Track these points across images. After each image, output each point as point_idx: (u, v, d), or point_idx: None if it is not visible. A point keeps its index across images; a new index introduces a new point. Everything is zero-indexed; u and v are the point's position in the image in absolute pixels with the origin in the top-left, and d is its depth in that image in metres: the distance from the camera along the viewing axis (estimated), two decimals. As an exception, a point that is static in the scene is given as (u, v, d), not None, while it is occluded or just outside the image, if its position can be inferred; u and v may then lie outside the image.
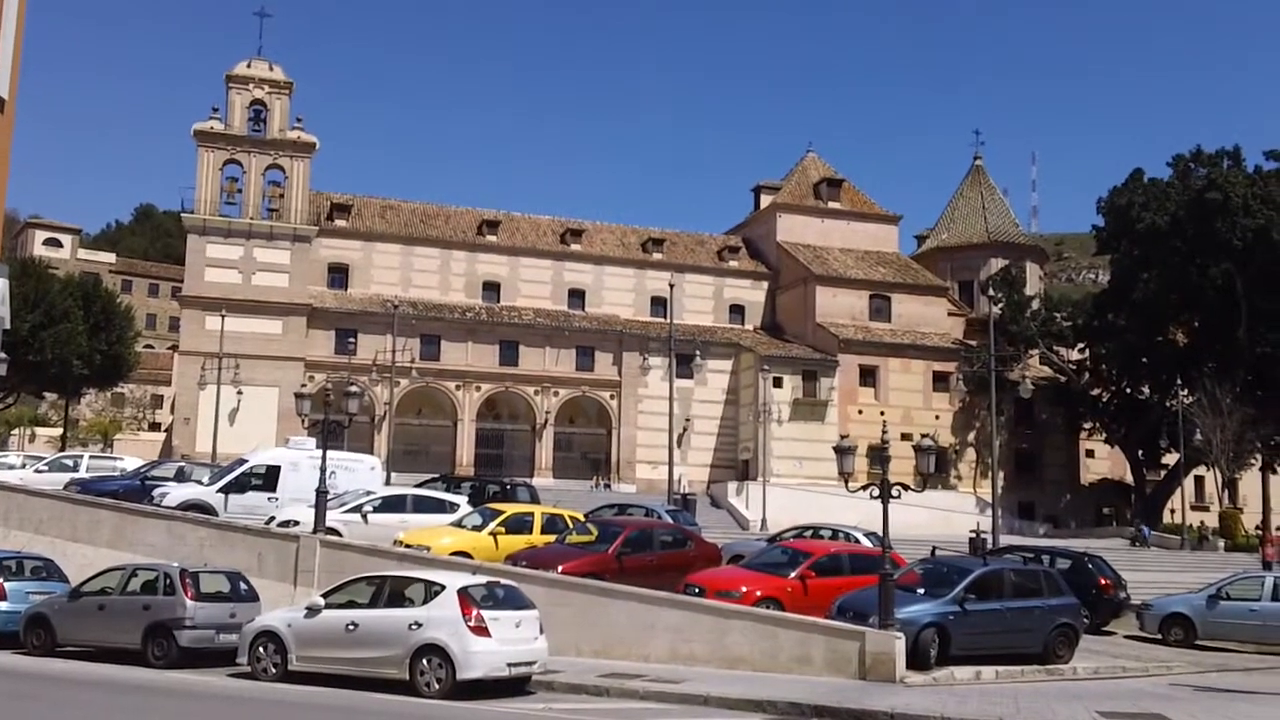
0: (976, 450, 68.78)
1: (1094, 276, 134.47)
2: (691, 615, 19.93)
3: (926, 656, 19.03)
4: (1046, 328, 70.21)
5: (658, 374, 60.10)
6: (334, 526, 25.10)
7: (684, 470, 62.34)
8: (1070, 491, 72.55)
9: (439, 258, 68.98)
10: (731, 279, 74.36)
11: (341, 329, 63.27)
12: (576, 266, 71.54)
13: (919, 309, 71.97)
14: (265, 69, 65.37)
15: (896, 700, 15.87)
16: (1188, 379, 61.15)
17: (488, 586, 17.55)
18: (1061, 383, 70.99)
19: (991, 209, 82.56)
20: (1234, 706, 16.89)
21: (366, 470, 31.71)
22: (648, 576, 22.03)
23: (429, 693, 16.18)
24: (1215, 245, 61.37)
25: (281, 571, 23.33)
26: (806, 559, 22.49)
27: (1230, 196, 61.02)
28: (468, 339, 65.49)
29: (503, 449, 66.23)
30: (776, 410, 64.76)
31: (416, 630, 16.57)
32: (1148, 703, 16.70)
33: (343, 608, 17.59)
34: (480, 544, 24.44)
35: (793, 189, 77.17)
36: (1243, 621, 26.48)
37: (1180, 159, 67.63)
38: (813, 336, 69.35)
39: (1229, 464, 61.40)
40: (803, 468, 63.15)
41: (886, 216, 78.24)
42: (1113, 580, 28.32)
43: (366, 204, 71.26)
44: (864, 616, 19.12)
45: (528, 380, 66.04)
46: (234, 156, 64.32)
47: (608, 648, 20.02)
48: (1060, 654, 20.93)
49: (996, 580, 21.13)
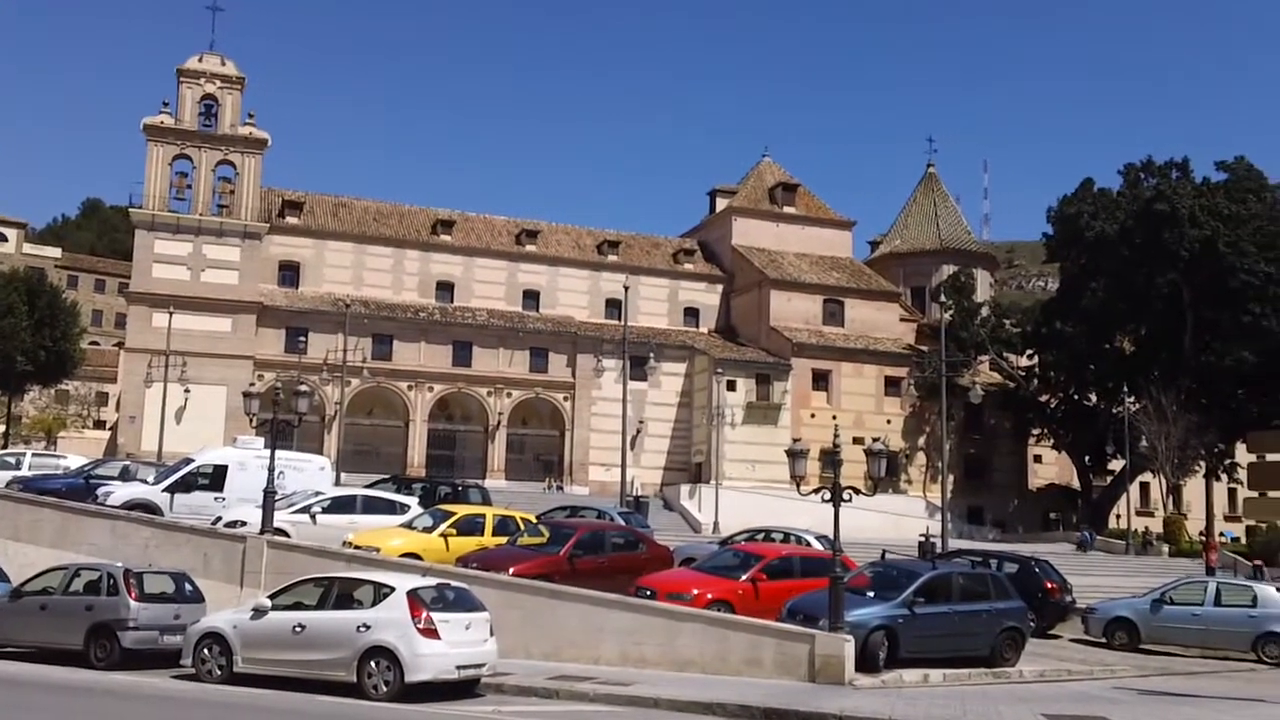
0: (927, 454, 69.36)
1: (1043, 284, 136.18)
2: (643, 618, 19.92)
3: (876, 659, 19.14)
4: (996, 334, 71.00)
5: (611, 376, 59.97)
6: (282, 527, 24.82)
7: (637, 473, 62.30)
8: (1018, 496, 73.36)
9: (392, 257, 68.50)
10: (686, 282, 74.48)
11: (292, 328, 62.60)
12: (531, 267, 71.32)
13: (872, 314, 72.47)
14: (217, 63, 64.60)
15: (845, 702, 15.94)
16: (1134, 386, 62.06)
17: (438, 588, 17.44)
18: (1010, 389, 71.79)
19: (944, 216, 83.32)
20: (1176, 709, 17.13)
21: (316, 470, 31.38)
22: (599, 579, 21.98)
23: (377, 695, 16.04)
24: (1163, 255, 62.37)
25: (228, 572, 23.05)
26: (758, 562, 22.54)
27: (1178, 208, 62.07)
28: (420, 339, 65.08)
29: (455, 450, 65.87)
30: (730, 413, 64.94)
31: (365, 632, 16.42)
32: (1092, 705, 16.89)
33: (290, 609, 17.40)
34: (431, 546, 24.28)
35: (748, 193, 77.47)
36: (1186, 626, 26.88)
37: (1131, 168, 68.74)
38: (766, 340, 69.64)
39: (1173, 471, 62.34)
40: (755, 471, 63.35)
41: (841, 222, 78.74)
42: (1059, 584, 28.66)
43: (319, 201, 70.61)
44: (814, 619, 19.19)
45: (481, 381, 65.74)
46: (184, 151, 63.49)
47: (558, 650, 19.96)
48: (1007, 657, 21.14)
49: (945, 584, 21.31)
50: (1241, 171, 65.69)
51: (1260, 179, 65.72)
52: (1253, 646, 26.03)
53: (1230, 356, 62.01)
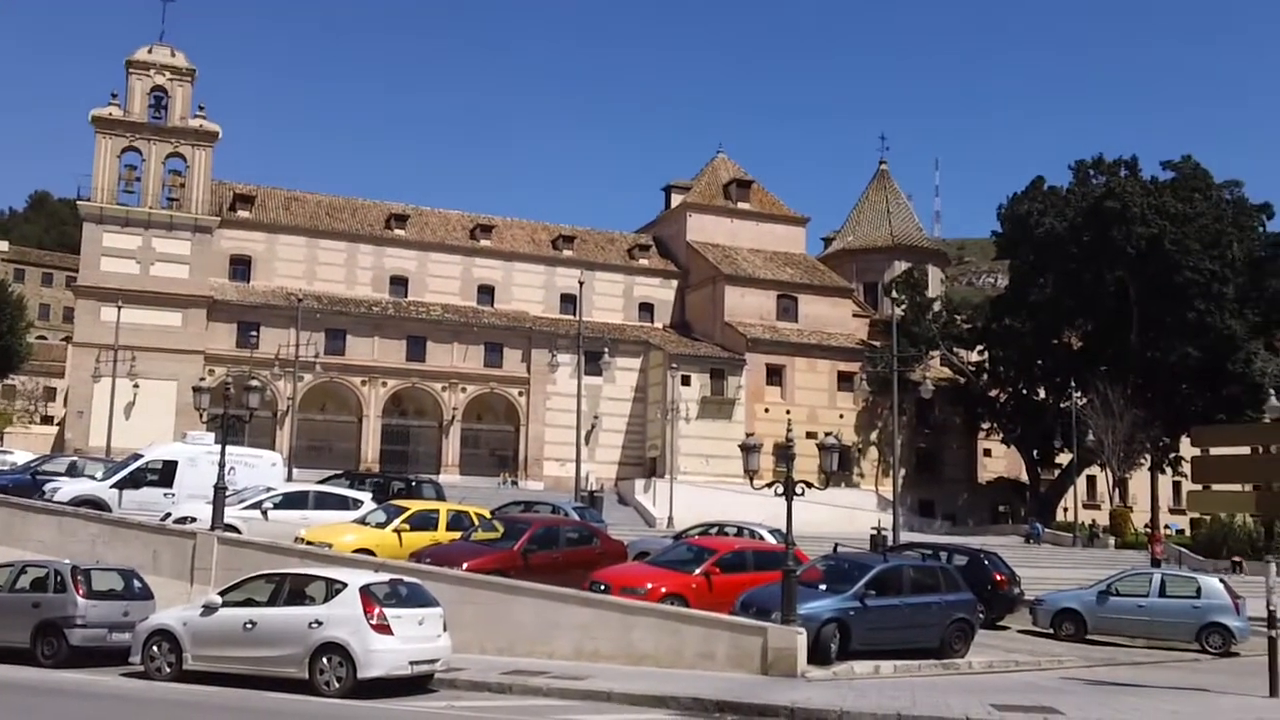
0: (879, 449, 69.91)
1: (993, 281, 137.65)
2: (597, 612, 19.95)
3: (827, 651, 19.29)
4: (947, 330, 71.71)
5: (566, 371, 59.93)
6: (233, 523, 24.60)
7: (592, 467, 62.31)
8: (968, 490, 74.17)
9: (345, 251, 68.00)
10: (641, 277, 74.55)
11: (243, 322, 62.01)
12: (486, 262, 71.07)
13: (825, 310, 72.93)
14: (167, 55, 63.80)
15: (797, 695, 16.06)
16: (1081, 381, 62.92)
17: (391, 584, 17.37)
18: (961, 384, 72.54)
19: (896, 213, 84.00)
20: (1122, 699, 17.41)
21: (267, 466, 31.14)
22: (553, 574, 21.98)
23: (329, 692, 15.97)
24: (1111, 252, 63.27)
25: (177, 569, 22.82)
26: (711, 556, 22.64)
27: (1128, 205, 62.95)
28: (374, 334, 64.67)
29: (409, 445, 65.55)
30: (684, 408, 65.13)
31: (317, 629, 16.33)
32: (1039, 696, 17.12)
33: (240, 606, 17.27)
34: (384, 541, 24.17)
35: (703, 189, 77.67)
36: (1131, 617, 27.27)
37: (1082, 165, 69.62)
38: (721, 335, 69.88)
39: (1119, 464, 63.32)
40: (710, 465, 63.57)
41: (795, 218, 79.14)
42: (1007, 576, 28.95)
43: (270, 195, 69.94)
44: (767, 612, 19.31)
45: (435, 376, 65.46)
46: (133, 144, 62.65)
47: (512, 645, 19.95)
48: (956, 648, 21.37)
49: (896, 576, 21.51)
50: (1188, 170, 66.75)
51: (1206, 178, 66.81)
52: (1196, 637, 26.48)
53: (1175, 352, 63.06)
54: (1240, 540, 53.72)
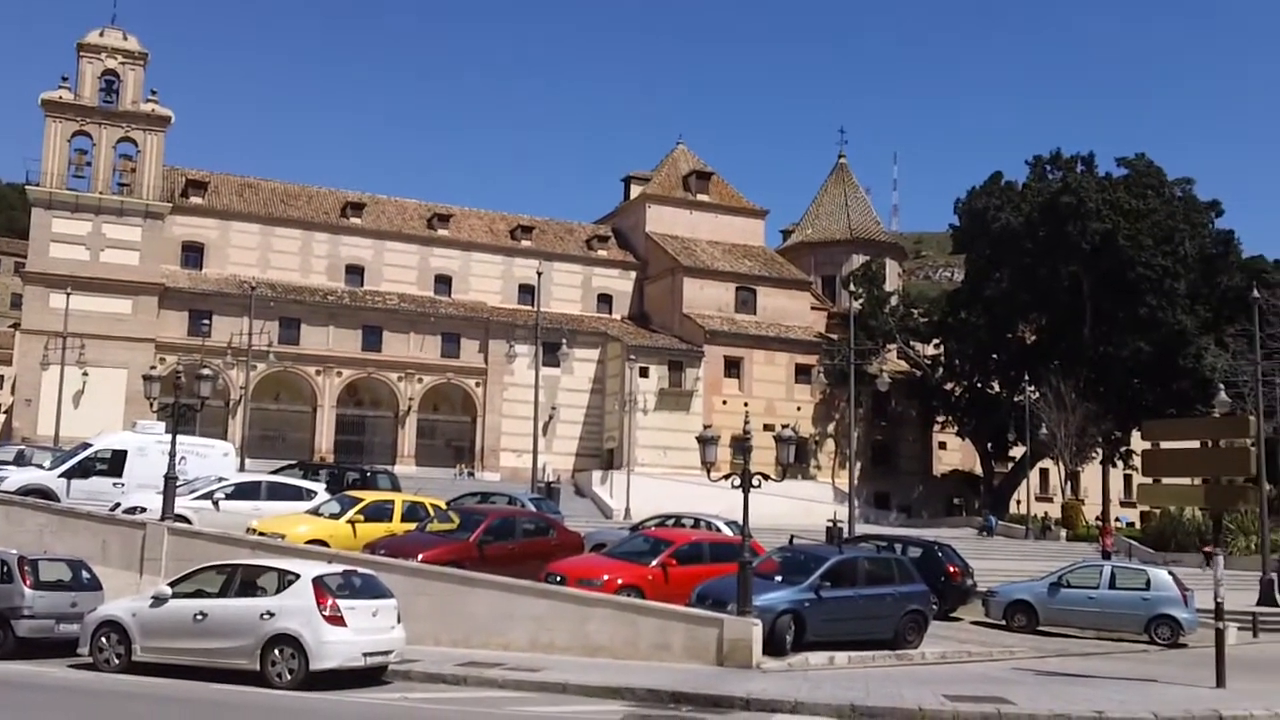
0: (836, 441, 70.28)
1: (950, 275, 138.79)
2: (553, 604, 19.89)
3: (783, 643, 19.34)
4: (904, 323, 72.18)
5: (524, 362, 59.72)
6: (183, 513, 24.26)
7: (549, 459, 62.21)
8: (923, 482, 74.78)
9: (300, 239, 67.37)
10: (600, 268, 74.42)
11: (195, 310, 61.23)
12: (443, 252, 70.67)
13: (783, 302, 73.16)
14: (119, 38, 62.83)
15: (752, 686, 16.10)
16: (1035, 375, 63.56)
17: (344, 575, 17.22)
18: (917, 377, 73.06)
19: (854, 207, 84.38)
20: (1072, 690, 17.60)
21: (219, 456, 30.77)
22: (509, 565, 21.86)
23: (281, 683, 15.81)
24: (1065, 247, 63.96)
25: (127, 560, 22.50)
26: (668, 547, 22.61)
27: (1083, 201, 63.63)
28: (329, 323, 64.10)
29: (364, 436, 65.10)
30: (642, 400, 65.13)
31: (268, 620, 16.16)
32: (991, 686, 17.26)
33: (191, 597, 17.06)
34: (338, 532, 23.95)
35: (662, 180, 77.63)
36: (1082, 608, 27.57)
37: (1039, 160, 70.27)
38: (679, 327, 69.92)
39: (1071, 457, 64.06)
40: (667, 457, 63.62)
41: (754, 210, 79.30)
42: (961, 568, 29.17)
43: (224, 181, 69.11)
44: (723, 604, 19.33)
45: (391, 366, 65.02)
46: (84, 128, 61.67)
47: (467, 637, 19.85)
48: (910, 639, 21.50)
49: (851, 568, 21.59)
50: (1142, 167, 67.61)
51: (1159, 175, 67.70)
52: (1145, 628, 26.81)
53: (1127, 347, 63.91)
54: (1189, 533, 54.54)
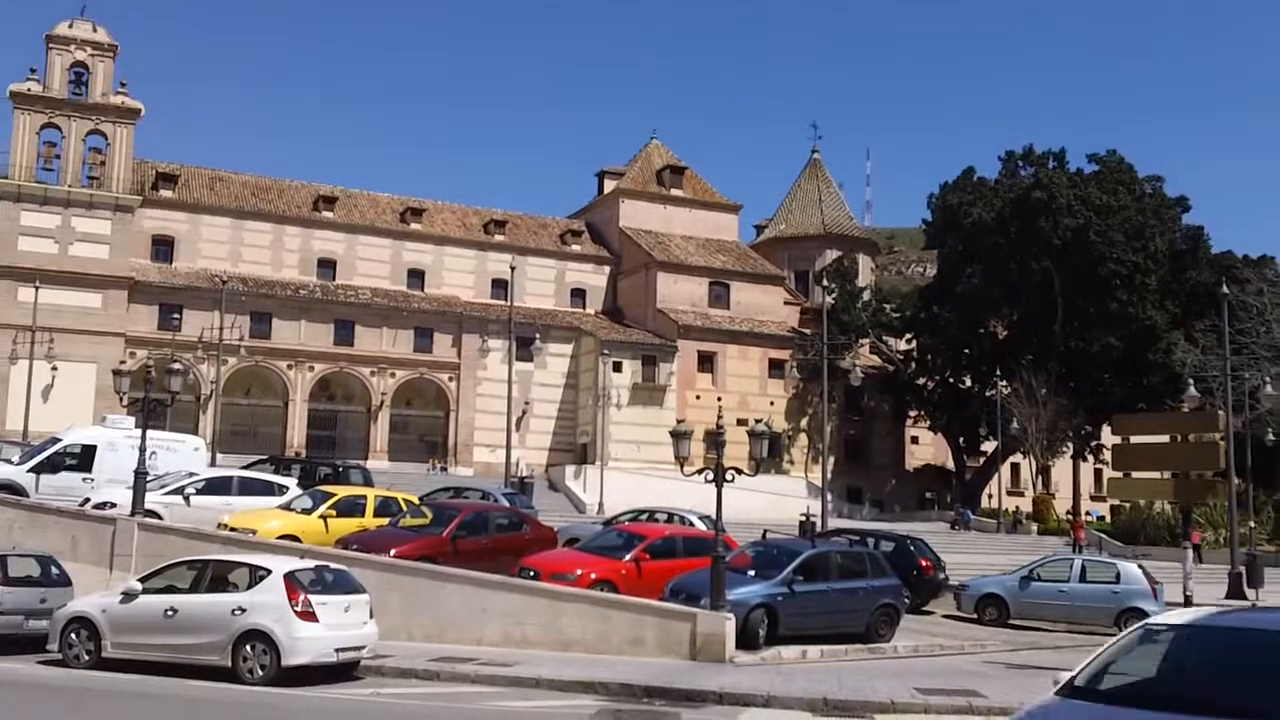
0: (809, 436, 70.45)
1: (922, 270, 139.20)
2: (526, 598, 19.86)
3: (755, 637, 19.39)
4: (876, 318, 72.42)
5: (497, 357, 59.53)
6: (154, 509, 24.11)
7: (522, 454, 62.06)
8: (896, 476, 75.09)
9: (271, 233, 66.91)
10: (573, 263, 74.31)
11: (166, 304, 60.68)
12: (416, 246, 70.36)
13: (757, 297, 73.27)
14: (88, 30, 62.17)
15: (725, 680, 16.14)
16: (1006, 370, 63.97)
17: (316, 571, 17.14)
18: (889, 372, 73.34)
19: (827, 202, 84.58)
20: (1041, 682, 17.54)
21: (189, 451, 30.57)
22: (483, 560, 21.84)
23: (252, 679, 15.73)
24: (1037, 243, 64.35)
25: (97, 555, 22.34)
26: (641, 542, 22.64)
27: (1054, 197, 64.03)
28: (301, 317, 63.68)
29: (336, 431, 64.71)
30: (616, 395, 65.10)
31: (240, 616, 16.07)
32: (963, 679, 17.37)
33: (161, 593, 16.95)
34: (310, 527, 23.82)
35: (636, 175, 77.55)
36: (1052, 601, 27.76)
37: (1011, 156, 70.64)
38: (653, 322, 69.91)
39: (1042, 452, 64.53)
40: (641, 452, 63.62)
41: (727, 205, 79.35)
42: (933, 562, 29.35)
43: (194, 174, 68.56)
44: (696, 598, 19.35)
45: (364, 361, 64.69)
46: (53, 120, 61.01)
47: (440, 632, 19.80)
48: (882, 633, 21.61)
49: (823, 562, 21.67)
50: (1113, 164, 68.06)
51: (1130, 172, 68.19)
52: (1115, 621, 26.92)
53: (1097, 342, 64.40)
54: (1158, 527, 55.04)
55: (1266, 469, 53.70)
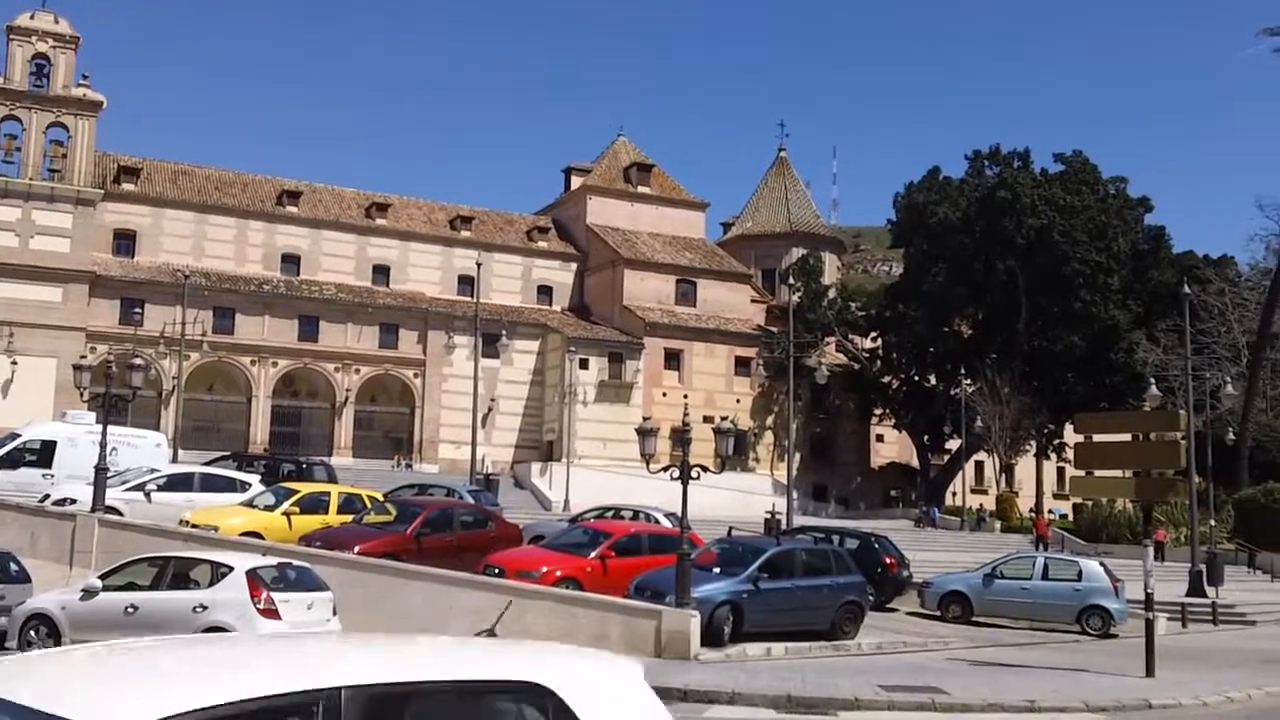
0: (775, 433, 70.65)
1: (888, 269, 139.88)
2: (491, 596, 19.73)
3: (721, 634, 19.40)
4: (842, 316, 72.71)
5: (463, 353, 59.34)
6: (114, 505, 23.87)
7: (488, 451, 61.89)
8: (861, 474, 75.44)
9: (235, 227, 66.30)
10: (540, 260, 74.14)
11: (127, 298, 60.03)
12: (381, 242, 69.95)
13: (723, 295, 73.38)
14: (50, 21, 61.35)
15: (690, 677, 16.13)
16: (970, 369, 64.41)
17: (279, 568, 16.99)
18: (855, 370, 73.66)
19: (794, 200, 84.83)
20: (1004, 679, 17.85)
21: (151, 447, 30.35)
22: (447, 557, 21.74)
23: (213, 677, 15.55)
24: (1001, 242, 64.83)
25: (56, 552, 22.09)
26: (606, 539, 22.62)
27: (1019, 197, 64.52)
28: (265, 313, 63.15)
29: (300, 427, 64.22)
30: (582, 392, 65.00)
31: (201, 613, 15.91)
32: (926, 676, 17.46)
33: (122, 590, 16.75)
34: (272, 524, 23.68)
35: (603, 172, 77.48)
36: (1015, 599, 27.93)
37: (978, 155, 71.12)
38: (620, 319, 69.87)
39: (1006, 450, 65.04)
40: (607, 449, 63.54)
41: (694, 203, 79.42)
42: (897, 560, 29.45)
43: (157, 168, 67.83)
44: (661, 595, 19.34)
45: (328, 357, 64.22)
46: (13, 112, 60.17)
47: (404, 629, 19.65)
48: (846, 630, 21.68)
49: (788, 560, 21.72)
50: (1077, 164, 68.67)
51: (1094, 172, 68.84)
52: (1077, 619, 27.25)
53: (1061, 341, 64.99)
54: (1120, 525, 55.53)
55: (1227, 468, 54.35)
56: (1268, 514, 51.02)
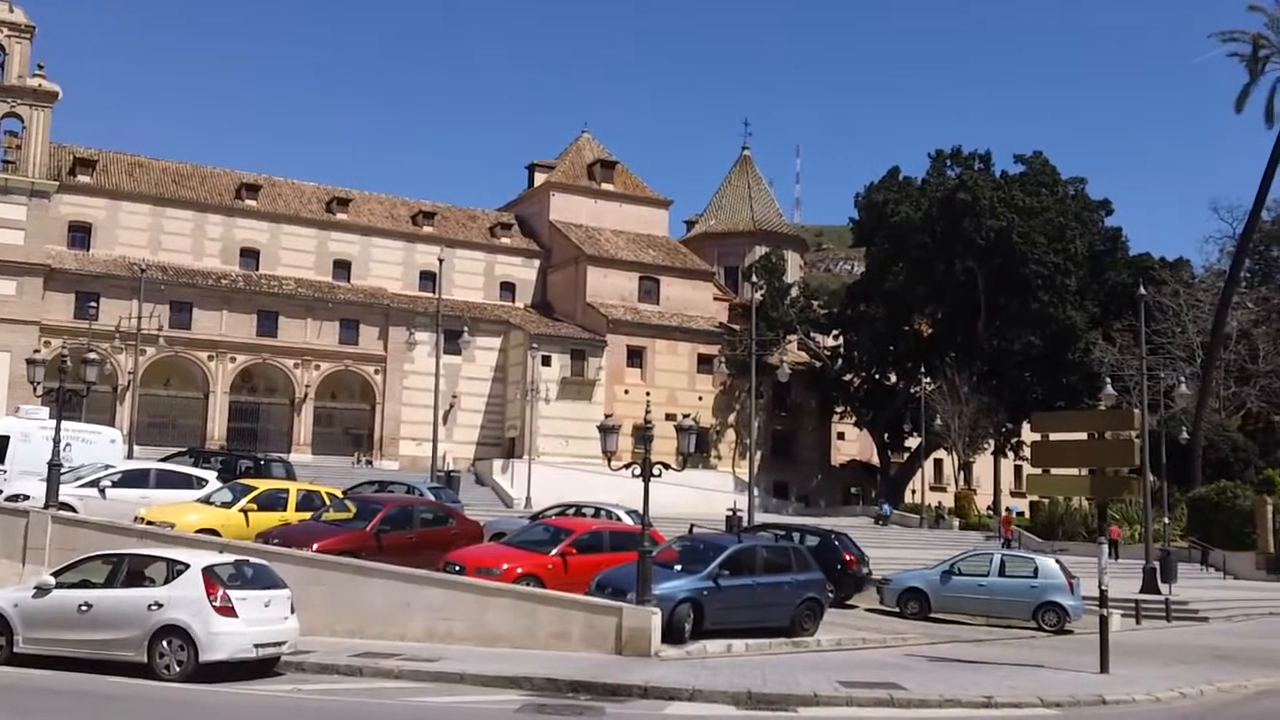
0: (736, 431, 70.81)
1: (850, 268, 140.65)
2: (451, 593, 19.72)
3: (681, 631, 19.45)
4: (805, 315, 72.99)
5: (424, 349, 58.98)
6: (68, 501, 23.54)
7: (449, 447, 61.65)
8: (822, 472, 75.79)
9: (193, 221, 65.55)
10: (503, 256, 73.90)
11: (82, 292, 59.07)
12: (342, 236, 69.43)
13: (686, 292, 73.46)
14: (5, 10, 60.33)
15: (651, 674, 16.16)
16: (930, 368, 64.88)
17: (235, 565, 16.86)
18: (817, 368, 73.98)
19: (757, 198, 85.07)
20: (961, 675, 18.00)
21: (106, 443, 29.91)
22: (407, 555, 21.64)
23: (169, 675, 15.44)
24: (962, 243, 65.33)
25: (9, 549, 21.79)
26: (568, 536, 22.60)
27: (979, 198, 65.03)
28: (223, 307, 62.48)
29: (259, 423, 63.60)
30: (544, 389, 64.87)
31: (157, 611, 15.76)
32: (885, 672, 17.59)
33: (76, 587, 16.58)
34: (230, 521, 23.45)
35: (567, 169, 77.33)
36: (972, 595, 28.23)
37: (940, 155, 71.60)
38: (582, 316, 69.78)
39: (965, 448, 65.60)
40: (569, 446, 63.47)
41: (658, 200, 79.44)
42: (857, 557, 29.65)
43: (113, 160, 66.96)
44: (622, 592, 19.37)
45: (287, 352, 63.66)
46: (-34, 102, 59.27)
47: (363, 627, 19.58)
48: (806, 627, 21.79)
49: (749, 557, 21.80)
50: (1037, 166, 69.27)
51: (1053, 174, 69.46)
52: (1033, 615, 27.55)
53: (1019, 341, 65.58)
54: (1076, 523, 56.20)
55: (1180, 466, 55.07)
56: (1220, 512, 51.84)
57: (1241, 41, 58.26)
